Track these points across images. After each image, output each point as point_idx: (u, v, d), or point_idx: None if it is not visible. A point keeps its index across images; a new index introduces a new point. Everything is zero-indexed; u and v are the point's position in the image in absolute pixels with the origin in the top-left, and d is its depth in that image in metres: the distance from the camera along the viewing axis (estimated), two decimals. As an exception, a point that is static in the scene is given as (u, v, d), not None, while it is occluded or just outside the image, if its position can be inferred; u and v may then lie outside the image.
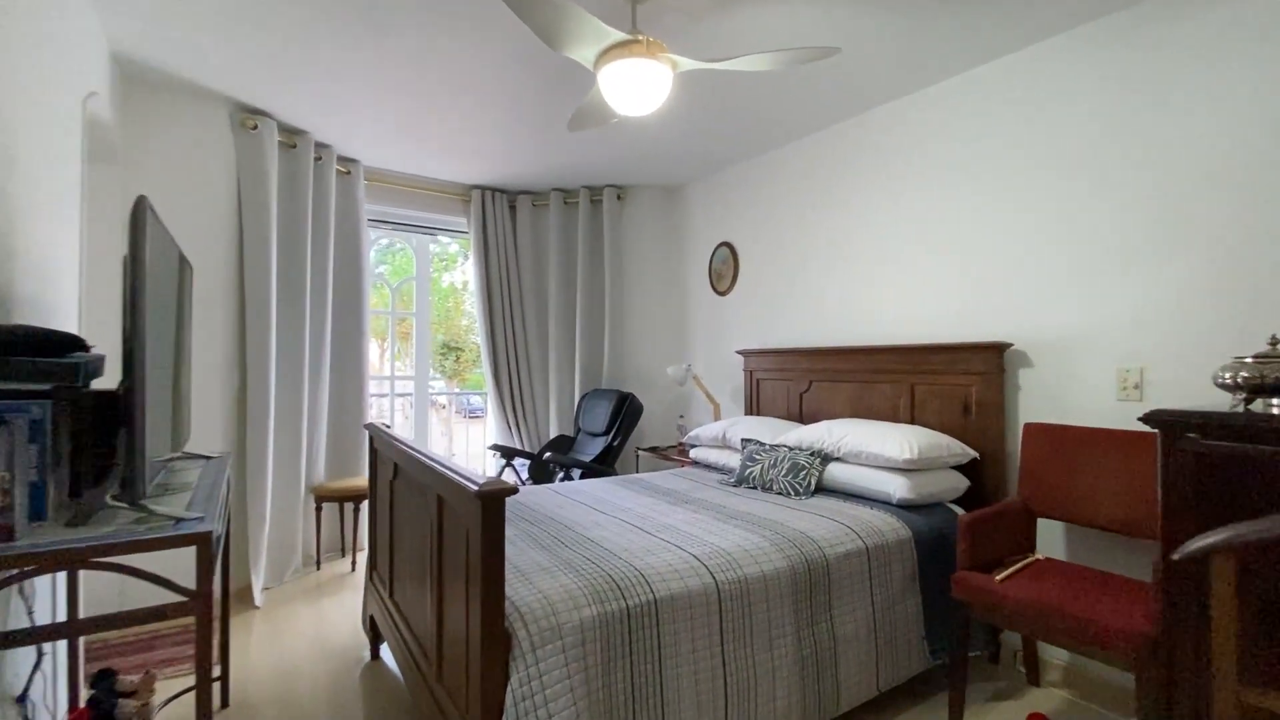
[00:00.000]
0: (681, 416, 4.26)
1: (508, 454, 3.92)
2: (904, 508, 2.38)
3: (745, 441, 3.02)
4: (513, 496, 2.38)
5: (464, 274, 16.89)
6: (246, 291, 3.26)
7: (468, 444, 7.05)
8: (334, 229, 3.81)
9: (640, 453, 4.16)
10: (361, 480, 3.76)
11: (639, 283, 4.55)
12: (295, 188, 3.54)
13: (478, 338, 4.44)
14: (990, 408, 2.56)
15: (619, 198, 4.51)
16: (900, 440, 2.43)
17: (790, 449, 2.78)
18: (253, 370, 3.25)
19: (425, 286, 4.57)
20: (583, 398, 4.27)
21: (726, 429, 3.19)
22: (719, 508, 2.39)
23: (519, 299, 4.56)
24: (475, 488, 1.27)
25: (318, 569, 3.67)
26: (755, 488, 2.76)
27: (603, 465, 3.74)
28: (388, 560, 2.28)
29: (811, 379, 3.34)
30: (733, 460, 3.11)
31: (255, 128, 3.26)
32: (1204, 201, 2.07)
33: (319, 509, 3.63)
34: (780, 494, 2.64)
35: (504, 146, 3.72)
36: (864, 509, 2.36)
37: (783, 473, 2.68)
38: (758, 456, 2.84)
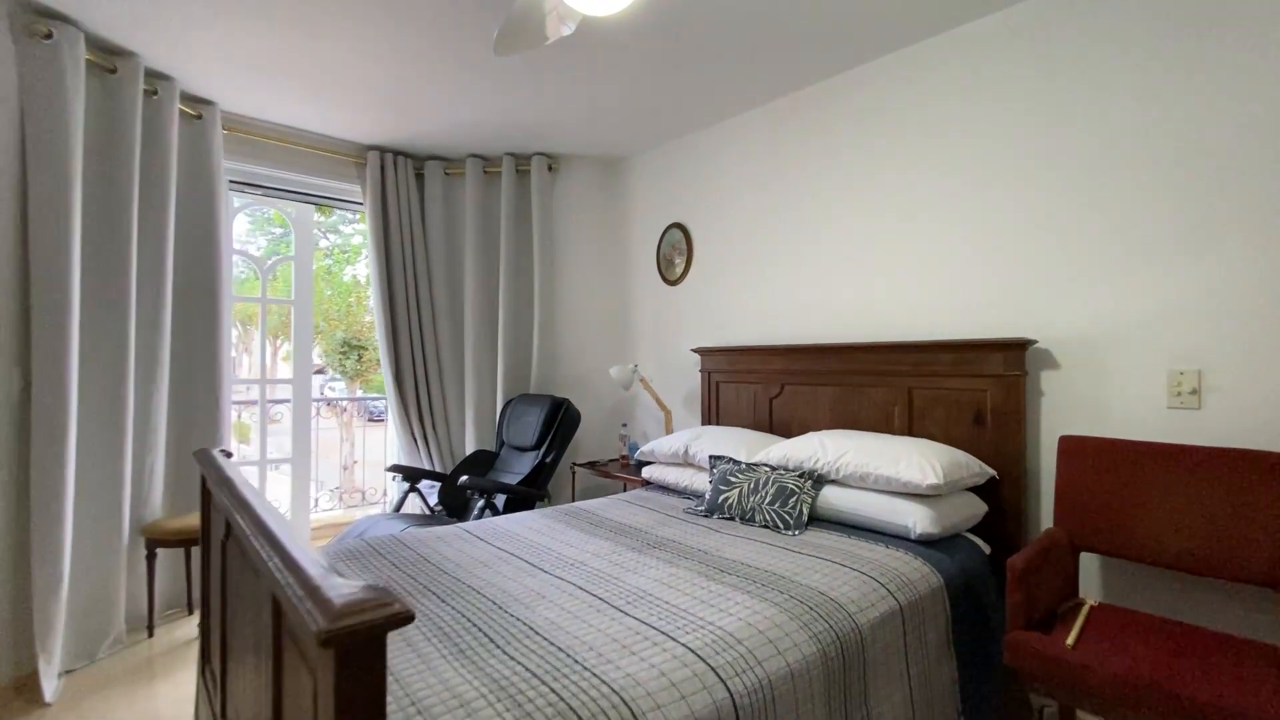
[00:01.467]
0: (625, 425, 3.66)
1: (412, 476, 3.17)
2: (923, 543, 1.90)
3: (715, 459, 2.46)
4: (415, 548, 1.70)
5: (367, 267, 15.22)
6: (32, 262, 2.34)
7: (365, 451, 6.12)
8: (176, 187, 2.92)
9: (576, 469, 3.53)
10: (215, 514, 2.90)
11: (574, 270, 3.91)
12: (114, 127, 2.64)
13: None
14: (1008, 417, 2.14)
15: (550, 168, 3.84)
16: (918, 459, 1.95)
17: (773, 469, 2.25)
18: (41, 370, 2.33)
19: (307, 267, 3.70)
20: (507, 405, 3.58)
21: (689, 443, 2.62)
22: (700, 554, 1.81)
23: (428, 285, 3.79)
24: (320, 623, 0.61)
25: (150, 635, 2.77)
26: (733, 518, 2.21)
27: (533, 488, 3.07)
28: (219, 657, 1.53)
29: (784, 382, 2.84)
30: (698, 481, 2.55)
31: (49, 36, 2.35)
32: (1276, 174, 1.72)
33: (152, 555, 2.74)
34: (766, 526, 2.10)
35: (407, 94, 2.98)
36: (877, 547, 1.86)
37: (767, 499, 2.14)
38: (733, 478, 2.29)
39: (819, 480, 2.16)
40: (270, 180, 3.47)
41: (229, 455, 1.77)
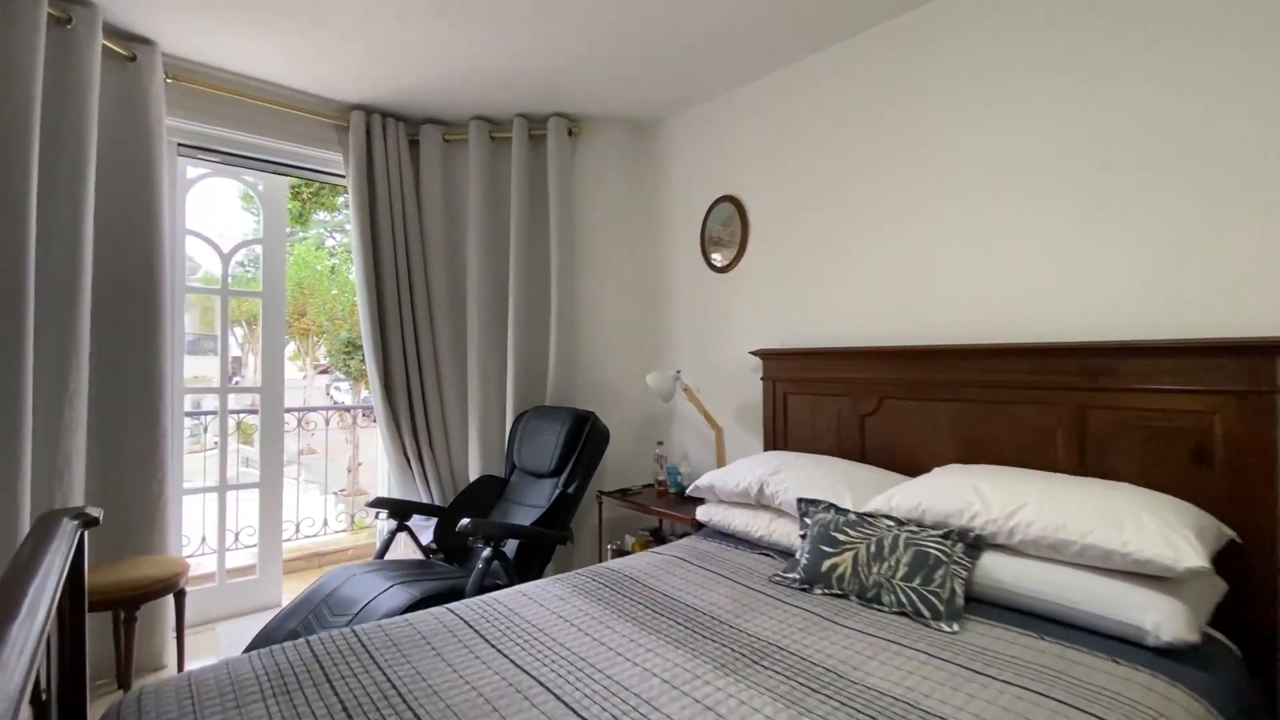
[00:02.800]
0: (660, 444, 3.00)
1: (400, 512, 2.52)
2: (1166, 655, 1.23)
3: (808, 505, 1.80)
4: (383, 663, 0.99)
5: (352, 251, 14.53)
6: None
7: (363, 455, 5.51)
8: (99, 148, 2.29)
9: (603, 499, 2.87)
10: (157, 564, 2.28)
11: (599, 255, 3.25)
12: (3, 59, 2.00)
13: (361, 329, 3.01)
14: (1253, 453, 1.47)
15: (571, 133, 3.19)
16: (1154, 523, 1.28)
17: (899, 524, 1.59)
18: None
19: (278, 252, 3.06)
20: (519, 420, 2.93)
21: (765, 479, 1.96)
22: (829, 677, 1.15)
23: (423, 275, 3.15)
24: None
25: (59, 723, 2.13)
26: (846, 595, 1.55)
27: (553, 528, 2.42)
28: None
29: (882, 395, 2.17)
30: (779, 531, 1.89)
31: (-102, -73, 1.72)
32: None
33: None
34: (902, 612, 1.44)
35: (396, 32, 2.33)
36: (1098, 661, 1.20)
37: (898, 571, 1.48)
38: (841, 536, 1.63)
39: (975, 544, 1.49)
40: (230, 145, 2.84)
41: (92, 522, 1.13)
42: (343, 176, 3.07)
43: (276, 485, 3.09)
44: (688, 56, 2.54)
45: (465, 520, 2.07)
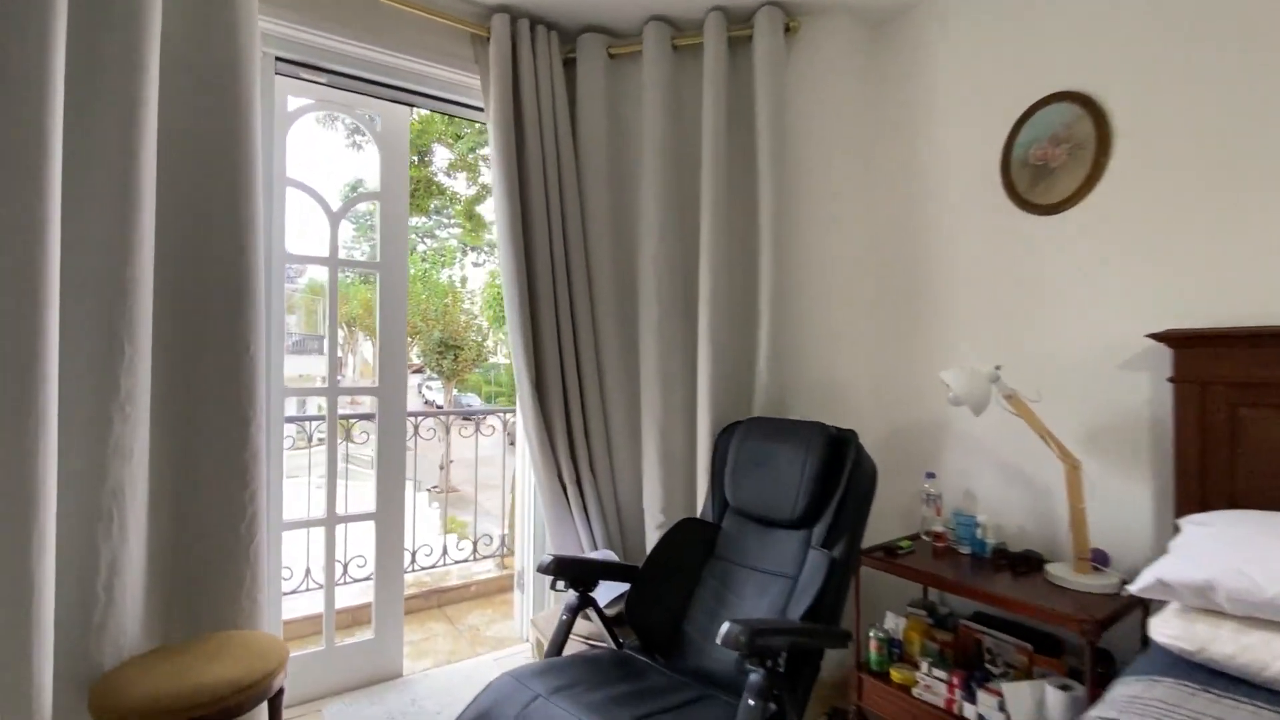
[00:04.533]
0: (931, 477, 2.02)
1: (579, 577, 1.66)
2: None
3: None
4: None
5: (462, 269, 14.43)
6: None
7: (460, 454, 4.84)
8: (164, 50, 1.59)
9: (861, 560, 1.91)
10: (243, 654, 1.58)
11: (829, 202, 2.30)
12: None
13: (505, 307, 2.21)
14: None
15: (789, 29, 2.25)
16: None
17: None
18: None
19: (399, 208, 2.31)
20: (727, 437, 2.03)
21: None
22: None
23: (581, 237, 2.32)
24: None
25: None
26: None
27: (820, 618, 1.50)
28: None
29: None
30: None
31: None
32: None
33: (107, 741, 1.39)
34: None
35: None
36: None
37: None
38: None
39: None
40: (340, 60, 2.11)
41: None
42: (480, 109, 2.30)
43: (397, 516, 2.35)
44: None
45: (731, 625, 1.18)
